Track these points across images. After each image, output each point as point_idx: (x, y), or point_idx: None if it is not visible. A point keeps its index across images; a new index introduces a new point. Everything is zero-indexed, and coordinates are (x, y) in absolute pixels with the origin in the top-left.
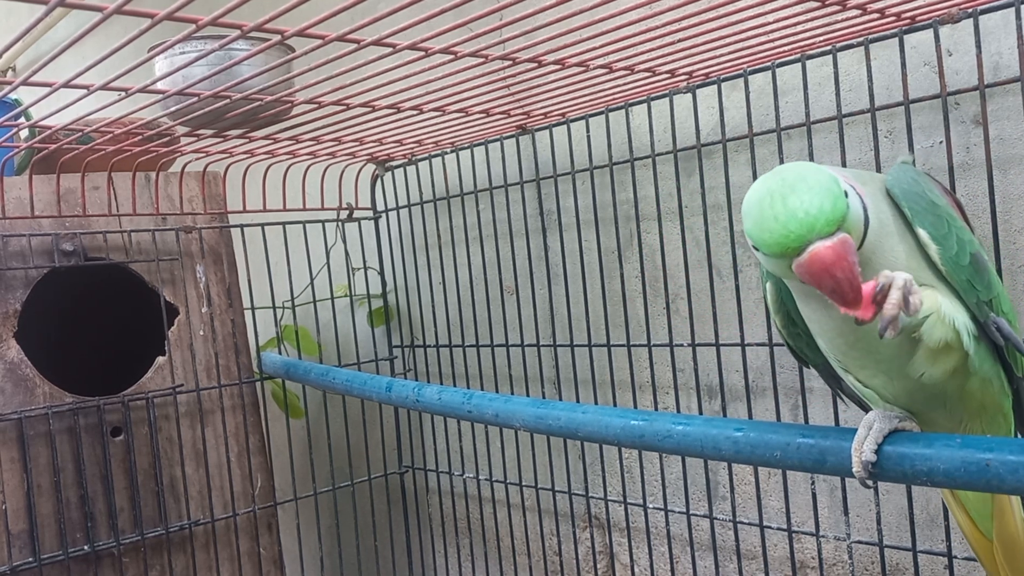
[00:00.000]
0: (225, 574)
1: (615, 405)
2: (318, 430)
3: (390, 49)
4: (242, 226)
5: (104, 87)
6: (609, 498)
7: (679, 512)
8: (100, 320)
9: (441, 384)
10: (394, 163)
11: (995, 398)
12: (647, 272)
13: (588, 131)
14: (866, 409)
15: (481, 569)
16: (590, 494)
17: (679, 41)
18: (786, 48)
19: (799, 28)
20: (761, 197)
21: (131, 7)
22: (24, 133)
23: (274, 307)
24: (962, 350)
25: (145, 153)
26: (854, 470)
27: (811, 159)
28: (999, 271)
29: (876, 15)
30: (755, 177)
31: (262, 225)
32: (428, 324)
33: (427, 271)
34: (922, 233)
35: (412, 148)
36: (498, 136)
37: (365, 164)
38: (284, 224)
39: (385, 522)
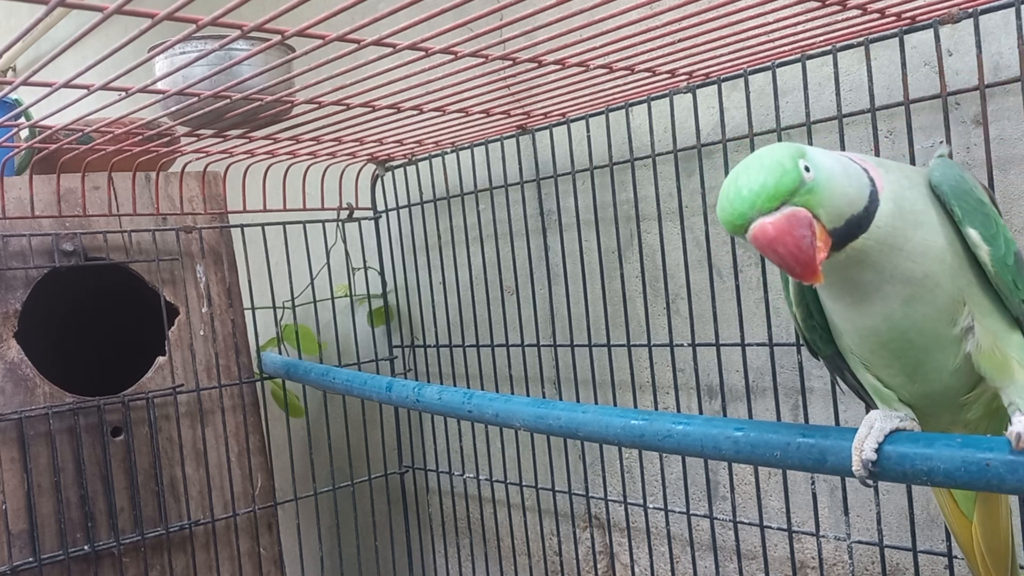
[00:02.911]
0: (225, 574)
1: (615, 405)
2: (318, 430)
3: (390, 49)
4: (242, 226)
5: (104, 87)
6: (609, 498)
7: (679, 512)
8: (100, 320)
9: (441, 384)
10: (394, 163)
11: None
12: (647, 272)
13: (588, 131)
14: (864, 400)
15: (481, 569)
16: (590, 494)
17: (679, 41)
18: (786, 48)
19: (799, 28)
20: (726, 180)
21: (131, 7)
22: (24, 133)
23: (274, 307)
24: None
25: (145, 153)
26: (854, 468)
27: None
28: None
29: (876, 15)
30: None
31: (262, 225)
32: (428, 324)
33: (427, 271)
34: (973, 233)
35: (412, 148)
36: (498, 136)
37: (365, 164)
38: (284, 224)
39: (385, 522)
